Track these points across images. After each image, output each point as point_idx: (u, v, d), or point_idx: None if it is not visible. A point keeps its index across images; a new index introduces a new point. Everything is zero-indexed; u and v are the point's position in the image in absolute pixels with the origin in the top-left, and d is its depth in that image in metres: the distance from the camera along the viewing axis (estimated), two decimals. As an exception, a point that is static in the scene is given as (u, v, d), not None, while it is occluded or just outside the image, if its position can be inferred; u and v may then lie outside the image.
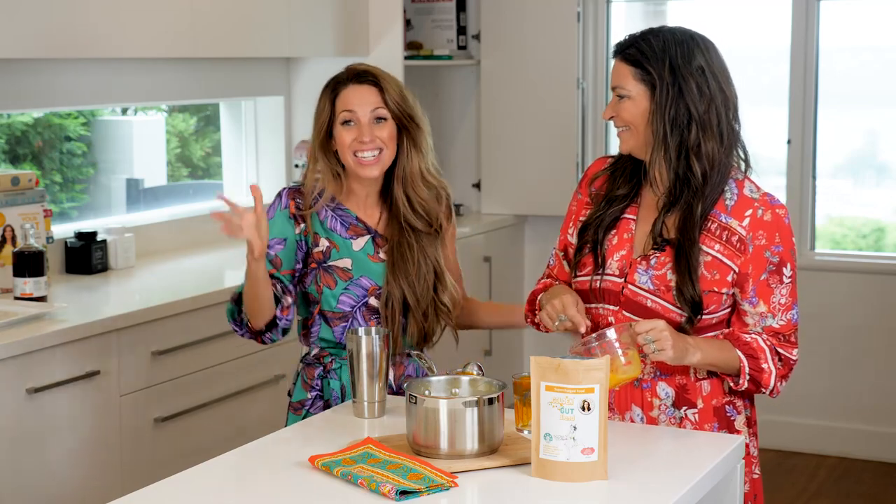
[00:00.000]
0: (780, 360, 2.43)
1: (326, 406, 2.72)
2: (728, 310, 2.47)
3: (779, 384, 2.44)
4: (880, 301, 5.07)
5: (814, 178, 5.22)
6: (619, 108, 2.45)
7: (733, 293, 2.44)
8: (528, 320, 2.66)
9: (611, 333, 2.28)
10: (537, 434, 2.10)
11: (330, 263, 2.72)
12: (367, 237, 2.75)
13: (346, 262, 2.72)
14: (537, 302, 2.60)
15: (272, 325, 2.68)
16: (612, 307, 2.49)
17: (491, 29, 5.38)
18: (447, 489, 2.03)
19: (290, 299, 2.67)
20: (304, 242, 2.73)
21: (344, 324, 2.71)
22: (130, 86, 4.21)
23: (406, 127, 2.73)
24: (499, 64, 5.38)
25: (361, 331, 2.50)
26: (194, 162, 4.83)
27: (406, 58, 4.95)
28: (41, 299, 3.38)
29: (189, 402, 3.55)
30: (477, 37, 5.43)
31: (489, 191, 5.49)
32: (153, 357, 3.42)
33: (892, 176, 5.48)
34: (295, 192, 2.76)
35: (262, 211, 2.53)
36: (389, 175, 2.76)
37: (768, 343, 2.42)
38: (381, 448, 2.18)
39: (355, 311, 2.71)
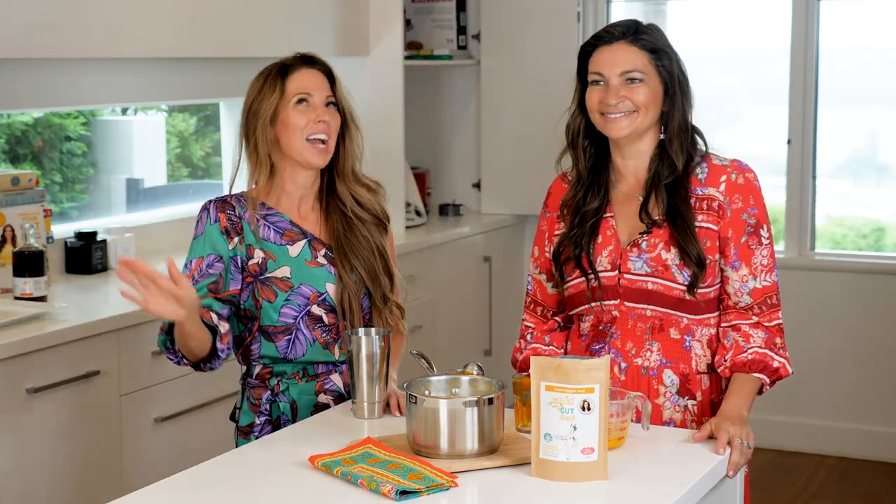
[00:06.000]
0: (779, 340, 2.47)
1: (276, 428, 2.58)
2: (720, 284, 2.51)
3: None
4: (880, 301, 5.07)
5: (814, 178, 5.22)
6: (632, 92, 2.47)
7: (718, 260, 2.48)
8: None
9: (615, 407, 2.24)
10: (537, 434, 2.10)
11: (267, 275, 2.56)
12: (304, 241, 2.60)
13: (284, 271, 2.56)
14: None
15: (212, 353, 2.51)
16: (612, 302, 2.50)
17: (491, 29, 5.38)
18: (447, 489, 2.04)
19: (226, 325, 2.51)
20: (238, 257, 2.56)
21: (287, 336, 2.56)
22: (130, 86, 4.21)
23: (346, 123, 2.62)
24: (499, 64, 5.38)
25: (361, 331, 2.49)
26: (194, 162, 4.83)
27: (406, 58, 4.95)
28: (41, 299, 3.38)
29: (189, 402, 3.55)
30: (477, 37, 5.43)
31: (489, 191, 5.49)
32: (153, 357, 3.42)
33: (892, 176, 5.48)
34: (221, 202, 2.60)
35: (179, 279, 2.29)
36: (326, 174, 2.65)
37: (763, 344, 2.45)
38: (381, 448, 2.18)
39: (298, 322, 2.57)
